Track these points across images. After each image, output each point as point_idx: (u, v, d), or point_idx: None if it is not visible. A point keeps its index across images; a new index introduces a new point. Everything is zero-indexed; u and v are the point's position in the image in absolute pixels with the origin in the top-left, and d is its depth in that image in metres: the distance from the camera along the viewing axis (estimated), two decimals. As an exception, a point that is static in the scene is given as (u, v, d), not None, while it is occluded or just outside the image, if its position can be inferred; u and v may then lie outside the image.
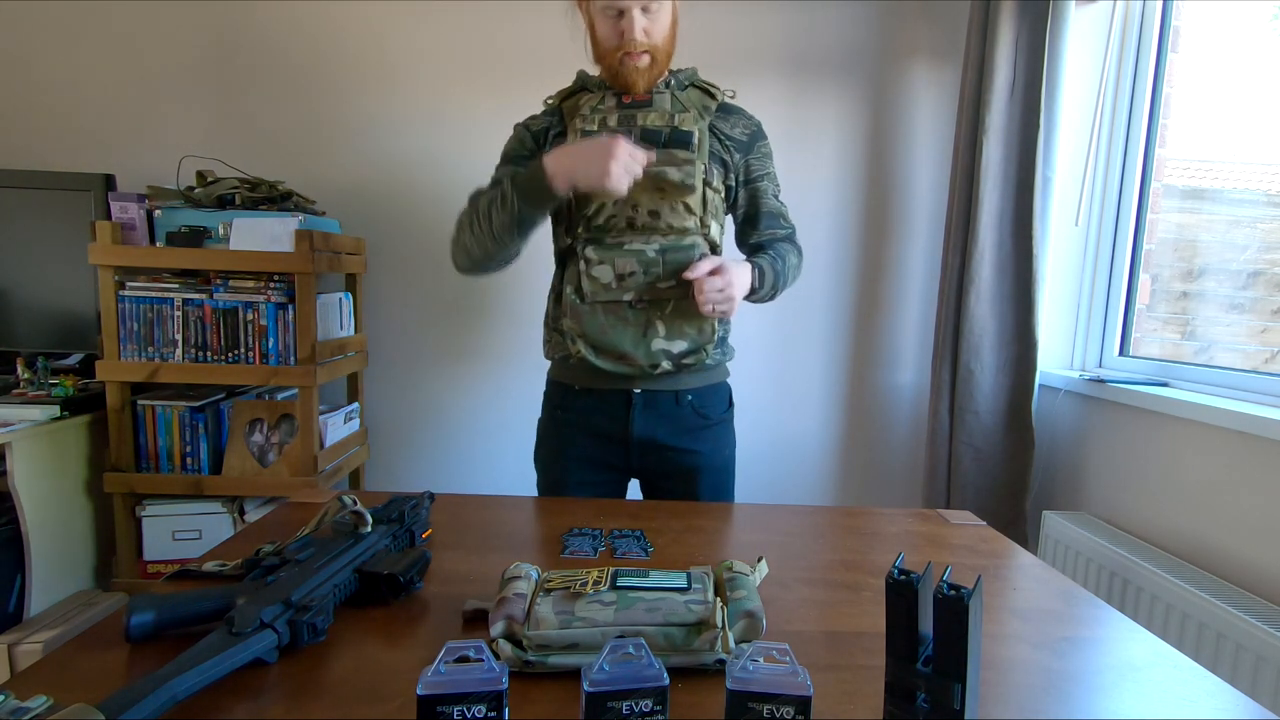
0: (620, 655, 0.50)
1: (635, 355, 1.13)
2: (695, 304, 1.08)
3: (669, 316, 1.13)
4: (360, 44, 1.95)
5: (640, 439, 1.20)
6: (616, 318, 1.13)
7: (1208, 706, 0.60)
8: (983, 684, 0.61)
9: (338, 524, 0.81)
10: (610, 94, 1.16)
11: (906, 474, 2.11)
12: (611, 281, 1.11)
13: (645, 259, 1.11)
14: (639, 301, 1.12)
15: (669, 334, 1.14)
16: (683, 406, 1.20)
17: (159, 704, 0.50)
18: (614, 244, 1.12)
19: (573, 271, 1.15)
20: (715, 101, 1.20)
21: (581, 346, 1.16)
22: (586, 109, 1.15)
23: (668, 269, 1.11)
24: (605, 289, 1.12)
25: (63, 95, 1.93)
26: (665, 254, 1.11)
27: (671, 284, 1.11)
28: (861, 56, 1.97)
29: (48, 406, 1.53)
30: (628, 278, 1.11)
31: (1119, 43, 1.75)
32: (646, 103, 1.14)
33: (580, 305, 1.14)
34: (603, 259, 1.11)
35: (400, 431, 2.07)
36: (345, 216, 1.98)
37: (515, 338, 2.04)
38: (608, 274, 1.11)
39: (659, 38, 1.12)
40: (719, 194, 1.18)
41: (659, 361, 1.14)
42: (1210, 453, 1.33)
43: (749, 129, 1.23)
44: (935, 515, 1.10)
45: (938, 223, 2.01)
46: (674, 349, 1.14)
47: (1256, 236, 1.56)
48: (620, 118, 1.13)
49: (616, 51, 1.11)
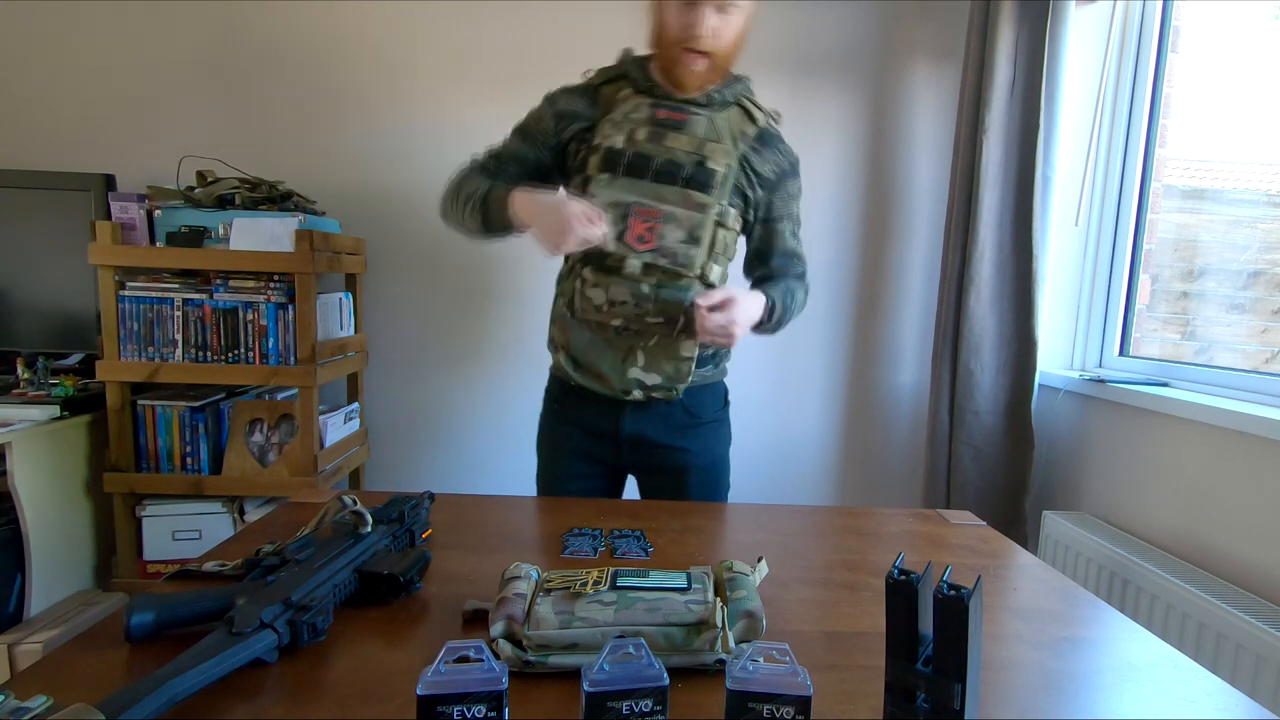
0: (620, 655, 0.50)
1: (611, 378, 1.14)
2: (696, 329, 1.05)
3: (651, 349, 1.13)
4: (361, 44, 1.95)
5: (631, 436, 1.20)
6: (601, 339, 1.14)
7: (1208, 706, 0.60)
8: (983, 684, 0.61)
9: (338, 524, 0.81)
10: (647, 100, 1.12)
11: (906, 474, 2.11)
12: (603, 304, 1.11)
13: (639, 292, 1.09)
14: (625, 329, 1.12)
15: (647, 365, 1.14)
16: (674, 405, 1.20)
17: (159, 704, 0.50)
18: (613, 268, 1.09)
19: (569, 285, 1.15)
20: (755, 129, 1.15)
21: (562, 358, 1.19)
22: (619, 113, 1.11)
23: (658, 305, 1.09)
24: (596, 310, 1.11)
25: (63, 95, 1.93)
26: (659, 290, 1.09)
27: (659, 320, 1.10)
28: (861, 56, 1.97)
29: (48, 406, 1.53)
30: (618, 305, 1.10)
31: (1119, 43, 1.75)
32: (681, 123, 1.10)
33: (570, 319, 1.15)
34: (598, 282, 1.10)
35: (400, 431, 2.07)
36: (345, 216, 1.98)
37: (515, 337, 2.04)
38: (600, 296, 1.10)
39: (725, 42, 1.07)
40: (733, 231, 1.14)
41: (631, 389, 1.14)
42: (1210, 453, 1.33)
43: (780, 167, 1.18)
44: (935, 515, 1.10)
45: (938, 223, 2.01)
46: (648, 380, 1.14)
47: (1256, 236, 1.56)
48: (650, 134, 1.09)
49: (678, 44, 1.06)
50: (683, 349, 1.14)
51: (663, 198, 1.08)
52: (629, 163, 1.09)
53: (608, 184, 1.08)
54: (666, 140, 1.10)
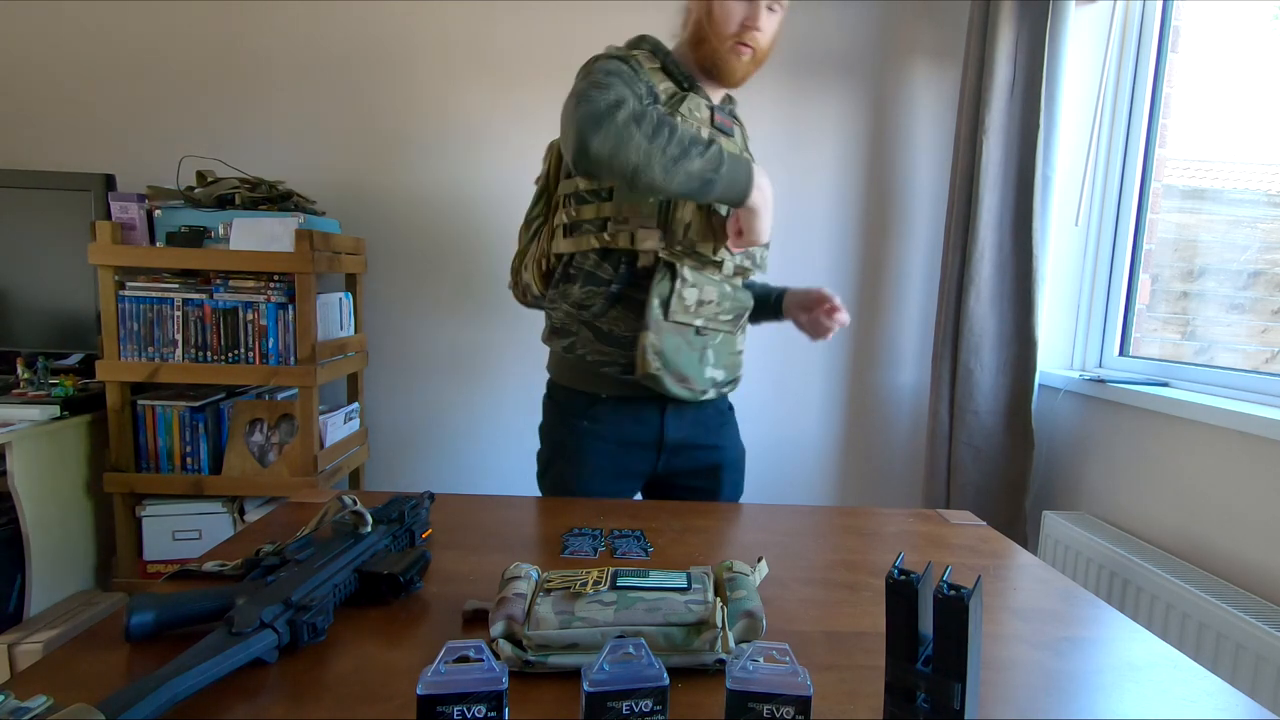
0: (620, 655, 0.50)
1: (694, 380, 1.13)
2: (820, 325, 1.19)
3: (718, 347, 1.16)
4: (361, 44, 1.95)
5: (673, 442, 1.19)
6: (684, 340, 1.11)
7: (1208, 706, 0.60)
8: (983, 684, 0.61)
9: (338, 524, 0.81)
10: (705, 103, 1.10)
11: (906, 474, 2.11)
12: (693, 304, 1.10)
13: (723, 291, 1.13)
14: (703, 329, 1.13)
15: (717, 363, 1.16)
16: (705, 404, 1.22)
17: (159, 704, 0.50)
18: (711, 266, 1.12)
19: (664, 285, 1.07)
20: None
21: (659, 365, 1.08)
22: (685, 109, 1.07)
23: (734, 306, 1.16)
24: (685, 310, 1.09)
25: (63, 95, 1.93)
26: (735, 291, 1.16)
27: (730, 318, 1.16)
28: (861, 56, 1.97)
29: (48, 406, 1.53)
30: (705, 305, 1.11)
31: (1119, 43, 1.75)
32: (729, 130, 1.14)
33: (664, 321, 1.08)
34: (695, 282, 1.09)
35: (400, 431, 2.07)
36: (345, 216, 1.98)
37: (515, 337, 2.04)
38: (694, 296, 1.09)
39: (768, 41, 1.10)
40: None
41: (708, 388, 1.16)
42: (1210, 453, 1.33)
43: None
44: (935, 515, 1.10)
45: (938, 223, 2.01)
46: (719, 377, 1.17)
47: (1256, 236, 1.56)
48: (711, 136, 1.08)
49: (731, 38, 1.06)
50: (738, 343, 1.21)
51: None
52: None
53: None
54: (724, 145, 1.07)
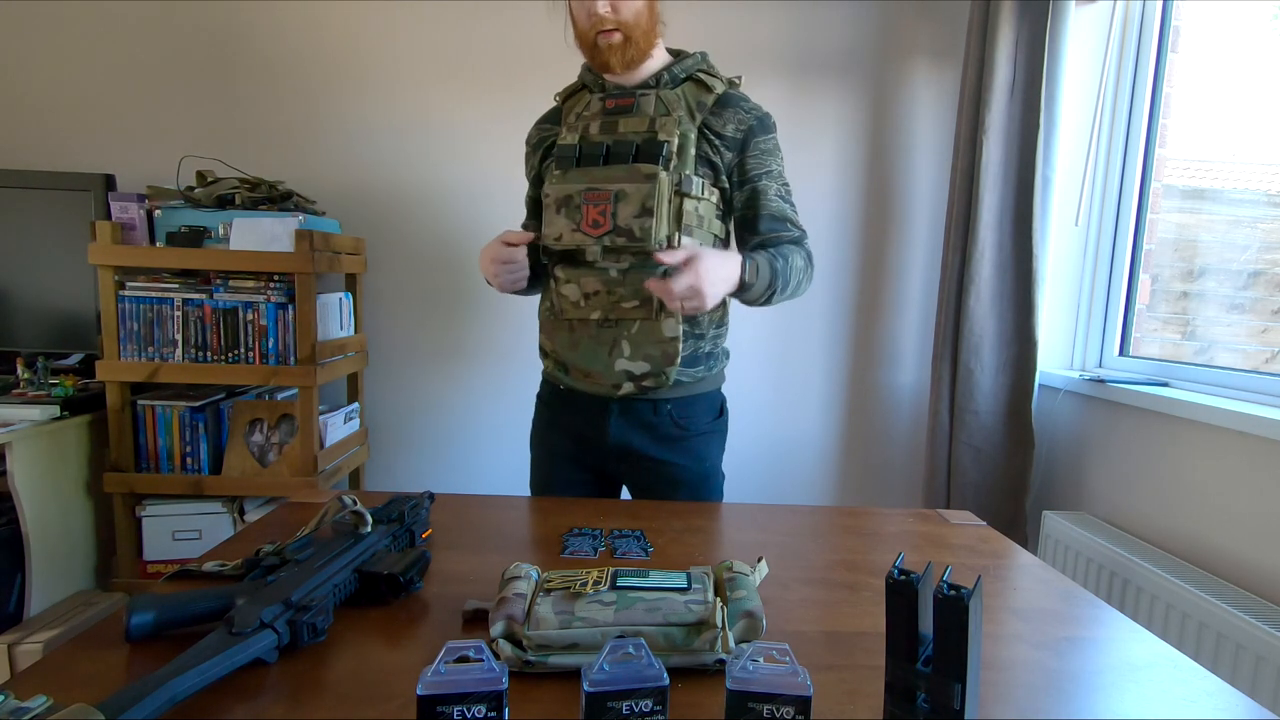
0: (620, 655, 0.50)
1: (599, 373, 1.13)
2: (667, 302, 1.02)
3: (634, 337, 1.11)
4: (361, 44, 1.95)
5: (616, 445, 1.18)
6: (585, 336, 1.14)
7: (1208, 706, 0.60)
8: (983, 684, 0.61)
9: (338, 524, 0.81)
10: (598, 96, 1.15)
11: (906, 474, 2.11)
12: (579, 299, 1.12)
13: (609, 279, 1.10)
14: (606, 320, 1.12)
15: (633, 354, 1.11)
16: (661, 415, 1.16)
17: (159, 704, 0.50)
18: (579, 260, 1.12)
19: (547, 288, 1.18)
20: (712, 95, 1.12)
21: (551, 363, 1.21)
22: (573, 115, 1.16)
23: (629, 289, 1.09)
24: (574, 306, 1.13)
25: (63, 95, 1.93)
26: (628, 274, 1.09)
27: (635, 304, 1.10)
28: (861, 56, 1.97)
29: (48, 406, 1.53)
30: (593, 296, 1.11)
31: (1119, 43, 1.75)
32: (629, 107, 1.11)
33: (554, 321, 1.17)
34: (569, 278, 1.13)
35: (400, 431, 2.07)
36: (345, 216, 1.98)
37: (515, 337, 2.04)
38: (575, 292, 1.13)
39: (628, 14, 1.08)
40: (705, 201, 1.11)
41: (621, 382, 1.13)
42: (1210, 453, 1.33)
43: (744, 124, 1.12)
44: (935, 515, 1.10)
45: (938, 223, 2.01)
46: (636, 370, 1.12)
47: (1257, 236, 1.56)
48: (602, 124, 1.11)
49: (591, 32, 1.10)
50: (665, 330, 1.11)
51: (612, 178, 1.07)
52: (581, 154, 1.10)
53: (560, 179, 1.10)
54: (619, 126, 1.11)
